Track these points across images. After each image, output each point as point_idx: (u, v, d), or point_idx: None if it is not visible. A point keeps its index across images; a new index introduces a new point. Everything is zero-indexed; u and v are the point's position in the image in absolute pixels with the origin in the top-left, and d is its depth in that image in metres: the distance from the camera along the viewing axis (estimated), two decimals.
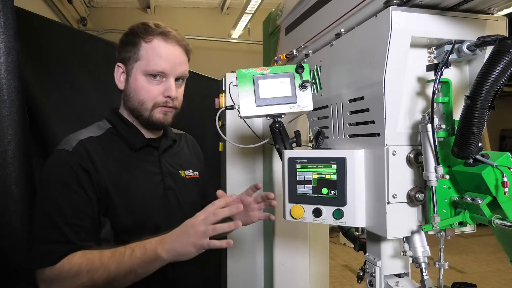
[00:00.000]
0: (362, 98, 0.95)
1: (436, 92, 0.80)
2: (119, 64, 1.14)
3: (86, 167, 1.03)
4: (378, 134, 0.90)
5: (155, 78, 1.10)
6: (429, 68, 0.85)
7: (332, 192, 1.00)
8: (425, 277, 0.89)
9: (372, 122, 0.92)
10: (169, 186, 1.17)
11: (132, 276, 0.96)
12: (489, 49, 0.83)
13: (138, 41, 1.10)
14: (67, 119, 1.76)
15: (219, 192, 1.20)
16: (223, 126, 1.96)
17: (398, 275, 1.01)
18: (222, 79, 2.12)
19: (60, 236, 0.97)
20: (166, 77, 1.11)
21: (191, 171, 1.28)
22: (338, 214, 0.99)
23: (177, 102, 1.16)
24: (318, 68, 1.17)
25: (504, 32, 0.88)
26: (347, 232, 1.33)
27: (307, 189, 1.04)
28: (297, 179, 1.06)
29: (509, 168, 0.77)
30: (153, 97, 1.11)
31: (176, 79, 1.14)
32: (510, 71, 0.70)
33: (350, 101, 1.02)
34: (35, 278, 0.99)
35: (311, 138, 1.31)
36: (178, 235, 0.96)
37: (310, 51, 1.22)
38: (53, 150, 1.07)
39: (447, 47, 0.86)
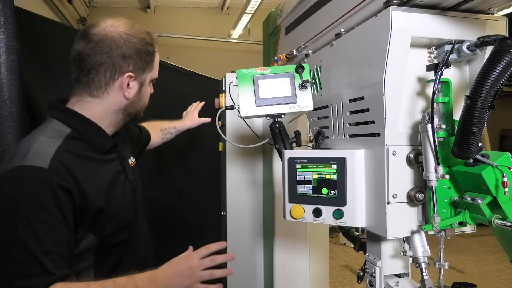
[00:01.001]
0: (362, 98, 0.95)
1: (436, 92, 0.80)
2: (130, 73, 1.04)
3: (67, 186, 0.91)
4: (378, 134, 0.90)
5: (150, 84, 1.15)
6: (429, 68, 0.85)
7: (332, 192, 1.00)
8: (425, 277, 0.89)
9: (372, 122, 0.92)
10: (132, 179, 1.16)
11: None
12: (489, 49, 0.83)
13: (153, 50, 1.11)
14: None
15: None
16: (223, 126, 1.96)
17: (398, 275, 1.01)
18: (222, 79, 2.12)
19: (39, 267, 0.86)
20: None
21: (132, 158, 1.23)
22: (338, 214, 0.99)
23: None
24: (318, 68, 1.17)
25: (504, 32, 0.88)
26: (347, 232, 1.33)
27: (307, 189, 1.04)
28: (297, 179, 1.06)
29: (509, 168, 0.77)
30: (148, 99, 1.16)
31: None
32: (510, 71, 0.70)
33: (350, 101, 1.02)
34: None
35: (311, 138, 1.31)
36: (174, 276, 0.95)
37: (310, 51, 1.22)
38: (15, 167, 0.90)
39: (447, 47, 0.86)
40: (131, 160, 1.21)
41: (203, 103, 1.90)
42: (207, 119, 1.84)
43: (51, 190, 0.89)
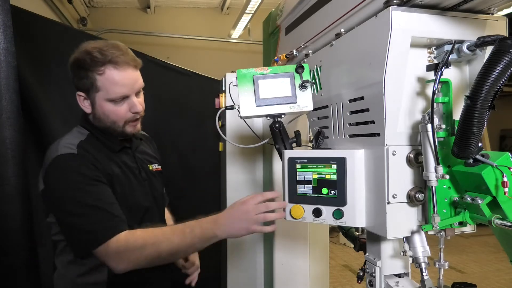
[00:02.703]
0: (362, 98, 0.95)
1: (436, 92, 0.80)
2: (80, 93, 1.18)
3: (95, 164, 1.12)
4: (378, 134, 0.90)
5: (118, 101, 1.17)
6: (429, 68, 0.85)
7: (332, 192, 1.00)
8: (425, 277, 0.89)
9: (372, 122, 0.92)
10: (144, 178, 1.29)
11: (192, 250, 1.11)
12: (489, 49, 0.83)
13: (91, 75, 1.14)
14: (66, 119, 1.76)
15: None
16: (223, 126, 1.96)
17: (398, 275, 1.01)
18: (222, 79, 2.12)
19: (110, 214, 1.08)
20: (128, 97, 1.18)
21: (156, 164, 1.40)
22: (338, 214, 0.99)
23: (141, 108, 1.23)
24: (318, 68, 1.17)
25: (504, 32, 0.88)
26: (347, 232, 1.33)
27: (307, 189, 1.04)
28: (297, 179, 1.06)
29: (509, 168, 0.77)
30: (122, 116, 1.19)
31: (137, 94, 1.22)
32: (510, 71, 0.70)
33: (350, 101, 1.02)
34: (99, 255, 1.05)
35: (311, 138, 1.31)
36: (233, 219, 1.06)
37: (310, 51, 1.22)
38: (53, 158, 1.10)
39: (447, 47, 0.86)
40: (154, 166, 1.39)
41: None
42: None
43: (88, 166, 1.10)
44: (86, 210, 1.07)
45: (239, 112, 1.11)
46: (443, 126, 0.82)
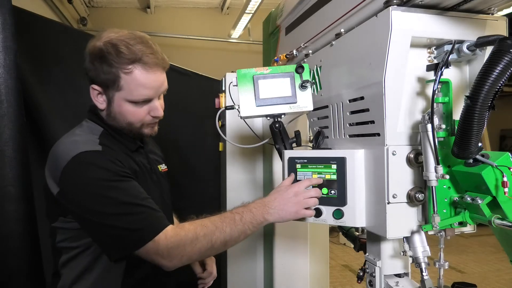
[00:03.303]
0: (362, 98, 0.95)
1: (436, 92, 0.80)
2: (96, 87, 1.08)
3: (121, 161, 1.05)
4: (378, 134, 0.90)
5: (139, 103, 1.08)
6: (429, 68, 0.85)
7: (332, 192, 1.00)
8: (425, 277, 0.89)
9: (372, 122, 0.92)
10: (155, 180, 1.24)
11: (243, 237, 1.04)
12: (489, 49, 0.83)
13: (115, 72, 1.03)
14: (66, 118, 1.76)
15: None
16: (223, 126, 1.96)
17: (398, 275, 1.01)
18: (222, 79, 2.12)
19: (151, 209, 1.01)
20: (150, 100, 1.09)
21: (163, 165, 1.34)
22: (338, 214, 0.99)
23: (162, 111, 1.15)
24: (318, 68, 1.17)
25: (504, 32, 0.88)
26: (347, 232, 1.33)
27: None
28: (297, 179, 1.06)
29: (509, 168, 0.77)
30: (140, 118, 1.10)
31: (159, 97, 1.14)
32: (510, 71, 0.70)
33: (350, 101, 1.02)
34: (148, 251, 0.98)
35: (311, 138, 1.31)
36: (283, 202, 1.04)
37: (310, 51, 1.22)
38: (73, 156, 0.99)
39: (447, 47, 0.86)
40: (162, 166, 1.32)
41: None
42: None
43: (114, 163, 1.02)
44: (124, 208, 0.98)
45: (239, 112, 1.11)
46: (443, 126, 0.82)
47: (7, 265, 1.23)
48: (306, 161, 1.05)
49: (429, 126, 0.81)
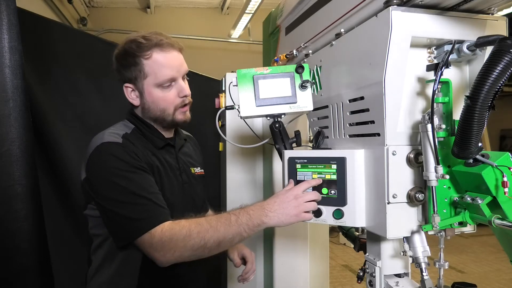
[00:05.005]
0: (362, 98, 0.95)
1: (436, 92, 0.80)
2: (127, 85, 1.19)
3: (137, 152, 1.11)
4: (378, 134, 0.90)
5: (166, 85, 1.16)
6: (429, 68, 0.85)
7: (332, 192, 1.00)
8: (425, 277, 0.89)
9: (372, 122, 0.92)
10: (185, 181, 1.26)
11: (238, 238, 1.04)
12: (489, 49, 0.83)
13: (138, 60, 1.14)
14: (67, 118, 1.77)
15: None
16: (223, 126, 1.96)
17: (398, 275, 1.01)
18: (222, 79, 2.12)
19: (152, 203, 1.05)
20: (175, 80, 1.17)
21: (198, 168, 1.38)
22: (338, 214, 0.99)
23: (189, 95, 1.23)
24: (318, 68, 1.17)
25: (504, 32, 0.88)
26: (347, 232, 1.33)
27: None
28: (297, 179, 1.06)
29: (509, 168, 0.77)
30: (172, 102, 1.18)
31: (182, 78, 1.21)
32: (510, 71, 0.70)
33: (350, 101, 1.02)
34: (143, 243, 1.02)
35: (311, 138, 1.31)
36: (283, 206, 1.03)
37: (310, 51, 1.22)
38: (97, 146, 1.09)
39: (447, 47, 0.86)
40: (197, 169, 1.37)
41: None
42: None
43: (131, 156, 1.08)
44: (130, 198, 1.04)
45: (239, 112, 1.11)
46: (443, 126, 0.82)
47: (15, 263, 1.24)
48: (306, 161, 1.05)
49: (429, 126, 0.81)
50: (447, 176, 0.84)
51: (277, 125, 1.15)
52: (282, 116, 1.15)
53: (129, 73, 1.17)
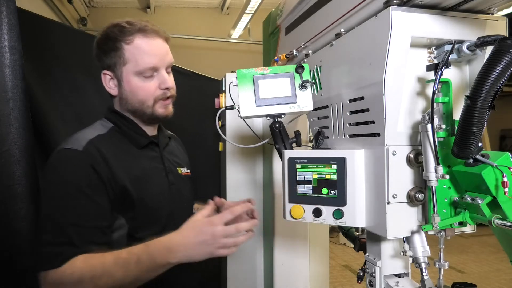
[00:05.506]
0: (362, 98, 0.95)
1: (436, 92, 0.80)
2: (106, 72, 1.12)
3: (98, 168, 1.00)
4: (378, 134, 0.90)
5: (147, 75, 1.09)
6: (429, 68, 0.85)
7: (332, 192, 1.00)
8: (425, 277, 0.89)
9: (372, 122, 0.92)
10: (172, 181, 1.18)
11: (140, 281, 0.95)
12: (489, 49, 0.83)
13: (119, 45, 1.08)
14: (67, 118, 1.76)
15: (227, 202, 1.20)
16: (223, 126, 1.96)
17: (398, 275, 1.01)
18: (222, 79, 2.12)
19: (65, 238, 0.94)
20: (157, 70, 1.10)
21: (185, 168, 1.30)
22: (338, 214, 0.99)
23: (172, 89, 1.15)
24: (318, 68, 1.17)
25: (504, 32, 0.88)
26: (347, 232, 1.33)
27: (307, 189, 1.04)
28: (297, 179, 1.06)
29: (509, 168, 0.77)
30: (152, 93, 1.11)
31: (166, 70, 1.14)
32: (510, 71, 0.70)
33: (350, 101, 1.02)
34: (39, 281, 0.95)
35: (311, 138, 1.31)
36: (194, 243, 0.93)
37: (310, 51, 1.22)
38: (58, 149, 1.03)
39: (447, 47, 0.86)
40: (183, 170, 1.27)
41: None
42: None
43: (83, 171, 0.98)
44: (48, 224, 0.96)
45: (239, 112, 1.11)
46: (443, 126, 0.82)
47: (14, 263, 1.24)
48: (306, 161, 1.05)
49: (429, 126, 0.81)
50: (447, 176, 0.84)
51: (277, 125, 1.15)
52: (282, 116, 1.15)
53: (108, 59, 1.09)
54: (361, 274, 1.09)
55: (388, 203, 0.87)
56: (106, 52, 1.10)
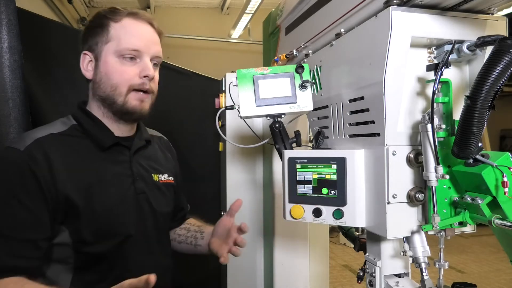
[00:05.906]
0: (362, 98, 0.95)
1: (436, 92, 0.80)
2: (86, 52, 1.03)
3: (37, 172, 0.88)
4: (378, 134, 0.90)
5: (129, 59, 1.00)
6: (429, 68, 0.85)
7: (332, 192, 1.00)
8: (425, 277, 0.89)
9: (372, 122, 0.92)
10: (141, 190, 1.06)
11: None
12: (489, 49, 0.83)
13: (106, 22, 1.00)
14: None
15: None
16: (223, 126, 1.96)
17: (398, 275, 1.01)
18: (222, 79, 2.12)
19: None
20: (140, 57, 1.01)
21: (166, 175, 1.18)
22: (338, 214, 0.99)
23: (153, 85, 1.05)
24: (318, 68, 1.17)
25: (504, 32, 0.87)
26: (347, 232, 1.33)
27: (307, 189, 1.04)
28: (297, 179, 1.06)
29: (509, 168, 0.77)
30: (128, 79, 1.00)
31: (152, 61, 1.05)
32: (510, 71, 0.70)
33: (350, 101, 1.02)
34: None
35: (311, 138, 1.31)
36: None
37: (310, 51, 1.22)
38: (5, 147, 0.94)
39: (447, 47, 0.86)
40: (163, 177, 1.15)
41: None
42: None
43: (19, 174, 0.87)
44: None
45: (239, 112, 1.11)
46: (443, 126, 0.82)
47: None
48: (306, 161, 1.05)
49: (429, 126, 0.81)
50: (447, 176, 0.84)
51: (277, 125, 1.15)
52: (282, 116, 1.15)
53: (92, 38, 1.02)
54: (361, 274, 1.09)
55: (388, 203, 0.87)
56: (92, 30, 1.03)
